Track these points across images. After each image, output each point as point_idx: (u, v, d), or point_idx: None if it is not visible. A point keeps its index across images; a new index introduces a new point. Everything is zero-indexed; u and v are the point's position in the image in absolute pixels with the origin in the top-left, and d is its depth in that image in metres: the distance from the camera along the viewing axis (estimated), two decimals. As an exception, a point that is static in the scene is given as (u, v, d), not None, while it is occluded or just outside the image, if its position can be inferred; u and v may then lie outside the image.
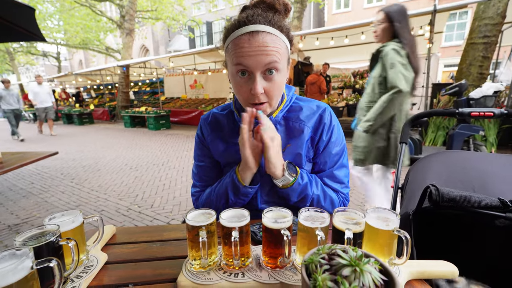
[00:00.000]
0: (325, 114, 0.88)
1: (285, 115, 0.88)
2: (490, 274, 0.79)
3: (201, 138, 0.96)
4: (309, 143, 0.88)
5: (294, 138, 0.86)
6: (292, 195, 0.82)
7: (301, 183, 0.81)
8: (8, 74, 25.26)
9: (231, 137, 0.90)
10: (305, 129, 0.86)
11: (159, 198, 3.25)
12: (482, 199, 0.71)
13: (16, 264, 0.44)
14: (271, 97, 0.77)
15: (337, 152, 0.89)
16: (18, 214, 2.92)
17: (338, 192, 0.91)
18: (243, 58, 0.71)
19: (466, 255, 0.81)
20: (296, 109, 0.89)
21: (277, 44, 0.72)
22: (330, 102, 7.20)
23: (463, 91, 3.73)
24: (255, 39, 0.70)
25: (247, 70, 0.72)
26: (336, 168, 0.90)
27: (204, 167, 0.96)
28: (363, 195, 3.13)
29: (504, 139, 4.66)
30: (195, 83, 11.21)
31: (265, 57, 0.70)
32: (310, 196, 0.83)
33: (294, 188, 0.80)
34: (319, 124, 0.87)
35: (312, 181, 0.84)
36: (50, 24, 16.42)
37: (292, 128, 0.87)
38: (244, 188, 0.81)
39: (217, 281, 0.58)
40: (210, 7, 14.68)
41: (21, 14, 2.96)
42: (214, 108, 0.99)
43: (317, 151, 0.89)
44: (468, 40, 5.33)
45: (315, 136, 0.88)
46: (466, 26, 13.58)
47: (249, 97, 0.76)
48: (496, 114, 1.20)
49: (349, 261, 0.39)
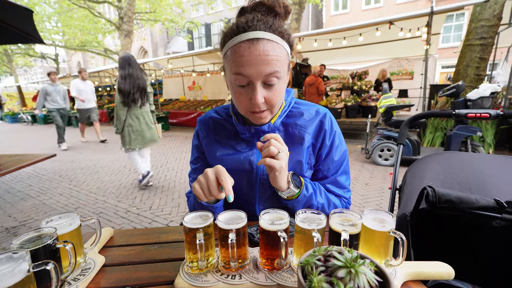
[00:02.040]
0: (325, 119, 0.86)
1: (284, 121, 0.86)
2: (487, 275, 0.80)
3: (197, 141, 0.95)
4: (310, 150, 0.86)
5: (295, 145, 0.84)
6: (297, 206, 0.80)
7: (306, 194, 0.79)
8: (6, 76, 25.18)
9: (227, 141, 0.89)
10: (305, 136, 0.84)
11: (158, 200, 3.24)
12: (479, 200, 0.71)
13: (13, 267, 0.44)
14: (272, 105, 0.75)
15: (339, 158, 0.88)
16: (16, 217, 2.91)
17: (340, 197, 0.90)
18: (242, 68, 0.68)
19: (463, 256, 0.81)
20: (295, 114, 0.87)
21: (278, 52, 0.69)
22: (329, 103, 7.21)
23: (460, 92, 3.76)
24: (255, 47, 0.66)
25: (247, 79, 0.69)
26: (339, 174, 0.89)
27: (199, 169, 0.94)
28: (361, 196, 3.14)
29: (501, 140, 4.68)
30: (193, 85, 11.20)
31: (266, 66, 0.67)
32: (315, 206, 0.82)
33: (299, 200, 0.79)
34: (320, 131, 0.86)
35: (316, 190, 0.82)
36: (48, 25, 16.37)
37: (292, 135, 0.85)
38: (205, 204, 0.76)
39: (214, 283, 0.58)
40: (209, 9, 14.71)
41: (18, 16, 2.96)
42: (212, 109, 0.97)
43: (319, 158, 0.88)
44: (465, 41, 5.36)
45: (316, 143, 0.86)
46: (463, 28, 13.69)
47: (248, 106, 0.74)
48: (492, 115, 1.21)
49: (344, 263, 0.39)
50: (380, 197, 3.11)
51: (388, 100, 4.37)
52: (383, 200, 3.04)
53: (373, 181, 3.66)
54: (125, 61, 3.19)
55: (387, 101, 4.36)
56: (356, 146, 5.73)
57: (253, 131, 0.84)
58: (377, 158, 4.38)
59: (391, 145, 4.23)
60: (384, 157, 4.35)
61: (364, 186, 3.46)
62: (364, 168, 4.27)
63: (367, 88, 7.87)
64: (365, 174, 3.95)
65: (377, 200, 3.04)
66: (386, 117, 4.36)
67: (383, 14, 14.50)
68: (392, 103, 4.33)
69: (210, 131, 0.91)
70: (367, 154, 4.61)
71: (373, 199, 3.07)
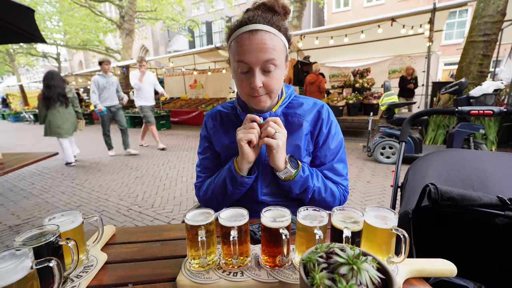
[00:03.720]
0: (323, 109, 0.93)
1: (284, 111, 0.93)
2: (489, 272, 0.80)
3: (205, 131, 1.01)
4: (308, 137, 0.92)
5: (294, 132, 0.90)
6: (294, 187, 0.85)
7: (303, 175, 0.84)
8: (9, 75, 25.28)
9: (234, 132, 0.92)
10: (303, 123, 0.91)
11: (160, 198, 3.25)
12: (481, 197, 0.71)
13: (16, 264, 0.45)
14: (270, 90, 0.80)
15: (336, 146, 0.94)
16: (19, 215, 2.93)
17: (338, 184, 0.95)
18: (243, 55, 0.75)
19: (465, 253, 0.81)
20: (294, 105, 0.94)
21: (275, 42, 0.76)
22: (330, 101, 7.19)
23: (463, 90, 3.73)
24: (254, 37, 0.74)
25: (248, 65, 0.76)
26: (336, 162, 0.94)
27: (207, 158, 1.00)
28: (363, 194, 3.14)
29: (504, 137, 4.65)
30: (195, 83, 11.21)
31: (264, 54, 0.74)
32: (311, 188, 0.86)
33: (296, 181, 0.84)
34: (317, 119, 0.92)
35: (313, 174, 0.88)
36: (49, 25, 16.42)
37: (291, 123, 0.91)
38: (241, 178, 0.84)
39: (216, 280, 0.58)
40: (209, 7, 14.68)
41: (20, 15, 2.96)
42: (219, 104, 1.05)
43: (317, 145, 0.93)
44: (468, 38, 5.31)
45: (314, 131, 0.92)
46: (466, 24, 13.56)
47: (249, 90, 0.80)
48: (495, 112, 1.20)
49: (347, 260, 0.39)
50: (382, 195, 3.11)
51: (390, 97, 4.35)
52: (385, 198, 3.03)
53: (375, 179, 3.66)
54: (49, 74, 4.42)
55: (389, 98, 4.34)
56: (358, 144, 5.71)
57: None
58: (379, 156, 4.36)
59: (393, 143, 4.22)
60: (386, 155, 4.34)
61: (366, 184, 3.45)
62: (366, 166, 4.26)
63: (369, 86, 7.83)
64: (367, 172, 3.94)
65: (379, 198, 3.03)
66: (388, 114, 4.34)
67: (385, 11, 14.39)
68: (394, 100, 4.31)
69: (218, 123, 0.98)
70: (368, 152, 4.59)
71: (375, 197, 3.06)
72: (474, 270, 0.78)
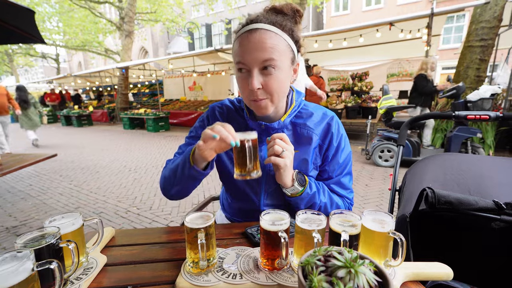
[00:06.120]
0: (332, 122, 0.89)
1: (293, 121, 0.89)
2: (486, 276, 0.80)
3: (205, 121, 0.95)
4: (317, 150, 0.88)
5: (302, 145, 0.87)
6: (300, 203, 0.83)
7: (310, 192, 0.81)
8: (7, 76, 25.21)
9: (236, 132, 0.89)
10: (313, 137, 0.87)
11: (158, 200, 3.25)
12: (478, 201, 0.71)
13: (17, 266, 0.45)
14: (271, 93, 0.75)
15: (344, 160, 0.91)
16: (16, 216, 2.91)
17: (343, 197, 0.92)
18: (242, 56, 0.73)
19: (462, 257, 0.81)
20: (303, 115, 0.90)
21: (275, 41, 0.72)
22: (329, 104, 7.21)
23: (460, 94, 3.76)
24: (252, 36, 0.71)
25: (246, 66, 0.73)
26: (343, 176, 0.92)
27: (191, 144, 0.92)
28: (361, 197, 3.15)
29: (501, 142, 4.69)
30: (194, 85, 11.21)
31: (261, 53, 0.71)
32: (318, 204, 0.84)
33: (302, 197, 0.81)
34: (327, 132, 0.88)
35: (320, 190, 0.85)
36: (49, 25, 16.41)
37: (300, 135, 0.88)
38: (190, 169, 0.76)
39: (215, 282, 0.58)
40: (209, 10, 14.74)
41: (20, 16, 2.97)
42: (227, 98, 0.98)
43: (326, 159, 0.90)
44: (466, 43, 5.37)
45: (323, 144, 0.89)
46: (464, 29, 13.67)
47: (249, 93, 0.76)
48: (491, 117, 1.21)
49: (344, 263, 0.40)
50: (380, 198, 3.12)
51: (388, 101, 4.38)
52: (383, 201, 3.04)
53: (373, 182, 3.67)
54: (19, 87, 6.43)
55: (387, 102, 4.37)
56: (357, 147, 5.73)
57: (263, 127, 0.86)
58: (377, 159, 4.38)
59: (391, 146, 4.24)
60: (384, 158, 4.35)
61: (364, 187, 3.47)
62: (364, 169, 4.27)
63: (368, 89, 7.86)
64: (365, 175, 3.95)
65: (377, 201, 3.04)
66: (386, 118, 4.36)
67: (384, 15, 14.49)
68: (392, 104, 4.33)
69: (223, 118, 0.93)
70: (367, 155, 4.61)
71: (373, 200, 3.07)
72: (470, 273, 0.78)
